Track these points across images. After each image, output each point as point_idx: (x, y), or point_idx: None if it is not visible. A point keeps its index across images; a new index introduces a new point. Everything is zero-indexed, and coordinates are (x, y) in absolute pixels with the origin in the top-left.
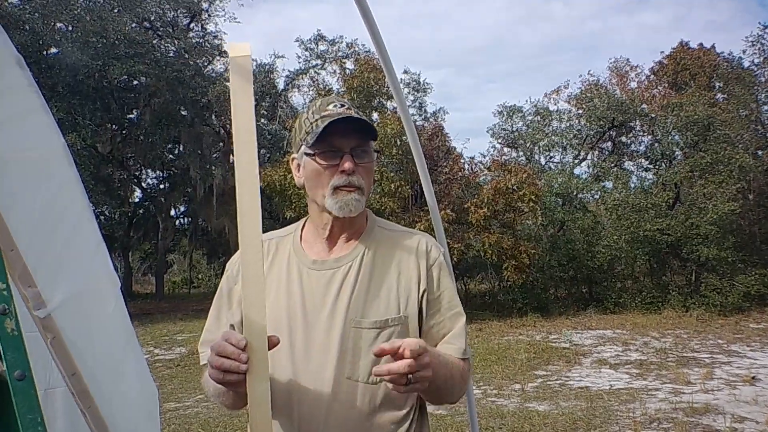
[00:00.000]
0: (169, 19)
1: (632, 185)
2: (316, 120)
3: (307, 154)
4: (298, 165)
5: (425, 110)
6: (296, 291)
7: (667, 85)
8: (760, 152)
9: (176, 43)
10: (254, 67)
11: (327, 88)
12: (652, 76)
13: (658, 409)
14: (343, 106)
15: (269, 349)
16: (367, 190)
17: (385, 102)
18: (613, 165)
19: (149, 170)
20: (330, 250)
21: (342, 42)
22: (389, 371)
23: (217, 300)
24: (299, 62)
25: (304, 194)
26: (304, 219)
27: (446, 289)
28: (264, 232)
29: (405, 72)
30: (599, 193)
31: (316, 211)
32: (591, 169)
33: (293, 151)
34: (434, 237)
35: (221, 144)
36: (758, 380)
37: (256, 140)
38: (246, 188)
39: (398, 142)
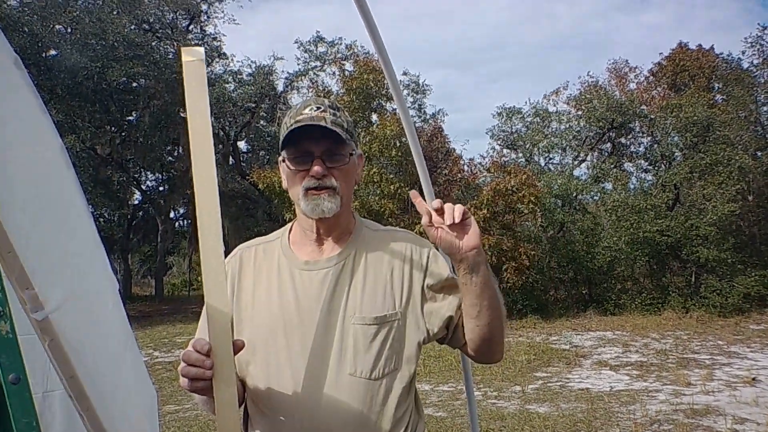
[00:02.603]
0: (168, 21)
1: (632, 186)
2: (290, 125)
3: (282, 159)
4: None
5: (424, 112)
6: (289, 292)
7: (666, 86)
8: (759, 153)
9: (175, 45)
10: (253, 69)
11: (326, 89)
12: (651, 77)
13: (658, 410)
14: (319, 108)
15: (235, 353)
16: (344, 190)
17: (384, 103)
18: (612, 166)
19: (148, 172)
20: (321, 251)
21: (341, 43)
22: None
23: (205, 310)
24: (298, 64)
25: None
26: (291, 222)
27: (448, 271)
28: (265, 235)
29: (404, 73)
30: (599, 194)
31: (301, 215)
32: (590, 171)
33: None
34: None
35: (221, 146)
36: (759, 381)
37: (212, 144)
38: (204, 193)
39: (397, 144)
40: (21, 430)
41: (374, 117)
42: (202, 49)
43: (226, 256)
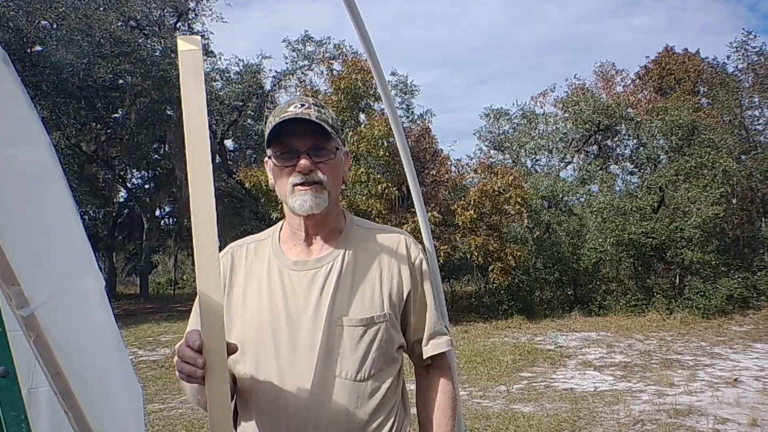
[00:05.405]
0: (155, 18)
1: (617, 188)
2: (275, 122)
3: (268, 156)
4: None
5: (412, 112)
6: (278, 292)
7: (652, 89)
8: (743, 157)
9: (162, 42)
10: (241, 67)
11: (314, 88)
12: (638, 80)
13: (641, 410)
14: (303, 105)
15: (228, 356)
16: (331, 185)
17: (372, 103)
18: (598, 168)
19: (134, 170)
20: (310, 251)
21: (329, 43)
22: None
23: (196, 304)
24: (286, 63)
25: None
26: (282, 221)
27: (428, 286)
28: (251, 233)
29: (392, 74)
30: (585, 196)
31: (290, 213)
32: (577, 173)
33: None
34: (421, 238)
35: None
36: (740, 382)
37: (208, 138)
38: (199, 188)
39: (385, 144)
40: (9, 422)
41: (362, 117)
42: (199, 38)
43: None
